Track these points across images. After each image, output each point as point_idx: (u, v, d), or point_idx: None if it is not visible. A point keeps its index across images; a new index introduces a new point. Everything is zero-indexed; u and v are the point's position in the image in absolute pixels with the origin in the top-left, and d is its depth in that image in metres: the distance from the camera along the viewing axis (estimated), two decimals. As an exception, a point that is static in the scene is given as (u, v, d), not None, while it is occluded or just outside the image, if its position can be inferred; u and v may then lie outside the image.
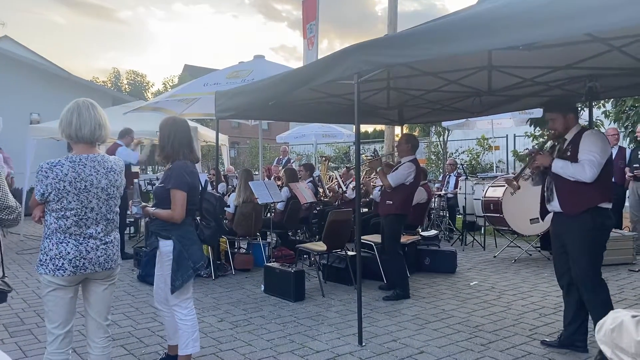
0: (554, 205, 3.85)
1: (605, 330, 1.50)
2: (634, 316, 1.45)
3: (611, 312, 1.55)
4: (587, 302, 3.74)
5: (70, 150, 2.86)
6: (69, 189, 2.67)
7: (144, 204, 3.43)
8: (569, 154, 3.75)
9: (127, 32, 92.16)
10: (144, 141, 9.86)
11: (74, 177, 2.68)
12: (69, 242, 2.69)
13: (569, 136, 3.86)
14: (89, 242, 2.73)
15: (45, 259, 2.69)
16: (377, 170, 5.71)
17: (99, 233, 2.78)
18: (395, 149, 6.66)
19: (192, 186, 3.37)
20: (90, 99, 2.86)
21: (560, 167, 3.70)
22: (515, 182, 4.12)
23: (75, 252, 2.69)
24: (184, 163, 3.39)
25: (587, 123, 5.70)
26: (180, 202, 3.28)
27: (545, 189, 3.98)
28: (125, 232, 8.55)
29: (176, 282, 3.28)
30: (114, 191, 2.83)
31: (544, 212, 4.07)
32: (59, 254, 2.68)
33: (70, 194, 2.67)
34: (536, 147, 4.17)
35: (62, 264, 2.67)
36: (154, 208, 3.37)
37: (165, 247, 3.30)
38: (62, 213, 2.68)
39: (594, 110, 5.89)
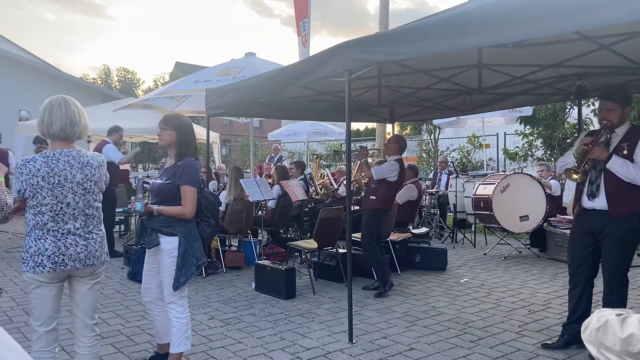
0: (598, 203, 3.62)
1: (590, 330, 1.51)
2: (618, 315, 1.46)
3: (596, 311, 1.56)
4: (607, 298, 3.67)
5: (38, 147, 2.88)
6: (42, 184, 2.66)
7: (146, 201, 3.40)
8: (625, 152, 3.51)
9: (118, 28, 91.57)
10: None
11: (46, 172, 2.68)
12: (47, 238, 2.68)
13: (620, 131, 3.61)
14: (67, 238, 2.72)
15: (26, 257, 2.69)
16: (361, 161, 5.77)
17: (78, 229, 2.75)
18: (384, 147, 6.70)
19: (200, 183, 3.39)
20: (65, 96, 2.84)
21: (619, 165, 3.47)
22: (575, 176, 3.67)
23: (53, 249, 2.68)
24: (193, 160, 3.40)
25: (577, 121, 5.75)
26: (193, 198, 3.29)
27: (589, 182, 3.71)
28: (114, 230, 8.49)
29: (180, 279, 3.26)
30: (91, 186, 2.81)
31: (577, 207, 3.83)
32: (38, 250, 2.67)
33: (44, 189, 2.66)
34: (588, 136, 3.81)
35: (41, 260, 2.66)
36: (157, 205, 3.33)
37: (169, 243, 3.27)
38: (39, 209, 2.67)
39: (583, 108, 5.94)
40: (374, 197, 5.58)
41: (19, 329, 4.37)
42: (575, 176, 3.67)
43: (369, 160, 6.97)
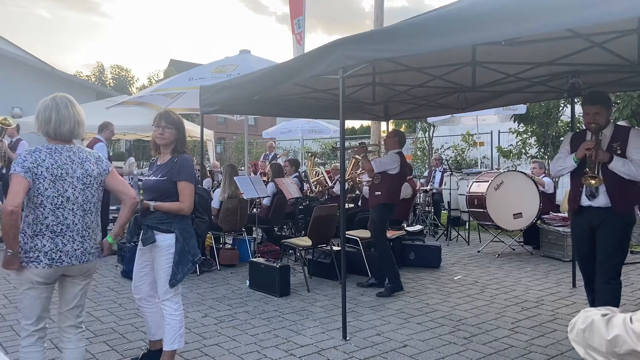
0: (597, 201, 3.74)
1: (577, 330, 1.50)
2: (603, 315, 1.45)
3: (582, 311, 1.56)
4: (601, 292, 3.76)
5: None
6: (46, 175, 2.66)
7: (141, 197, 3.39)
8: (618, 151, 3.67)
9: (112, 26, 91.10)
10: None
11: (51, 163, 2.68)
12: (44, 234, 2.67)
13: (607, 132, 3.77)
14: (65, 234, 2.71)
15: (21, 253, 2.66)
16: (361, 156, 5.76)
17: (76, 224, 2.76)
18: (382, 142, 6.69)
19: (195, 179, 3.41)
20: (67, 95, 2.84)
21: (621, 165, 3.62)
22: (593, 181, 3.69)
23: (50, 245, 2.67)
24: (189, 156, 3.44)
25: (570, 119, 5.77)
26: (191, 194, 3.32)
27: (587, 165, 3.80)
28: (108, 228, 8.45)
29: (178, 276, 3.27)
30: (90, 181, 2.81)
31: (574, 206, 3.91)
32: (35, 247, 2.65)
33: (46, 180, 2.66)
34: (576, 135, 4.02)
35: (37, 256, 2.65)
36: (152, 202, 3.32)
37: (166, 240, 3.27)
38: (39, 201, 2.65)
39: (577, 106, 5.96)
40: (379, 193, 5.53)
41: (12, 327, 4.35)
42: (593, 182, 3.73)
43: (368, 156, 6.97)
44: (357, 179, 8.36)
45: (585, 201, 3.82)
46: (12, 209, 2.53)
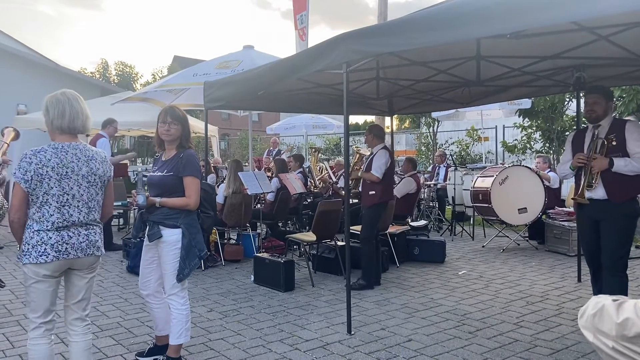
0: (596, 193, 3.85)
1: (587, 316, 1.52)
2: (614, 300, 1.47)
3: (593, 297, 1.57)
4: (608, 285, 3.80)
5: None
6: (51, 174, 2.68)
7: (147, 193, 3.40)
8: (614, 143, 3.77)
9: (116, 22, 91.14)
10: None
11: (56, 162, 2.71)
12: (50, 229, 2.70)
13: (604, 123, 3.90)
14: (70, 228, 2.75)
15: (28, 248, 2.69)
16: (359, 175, 5.83)
17: (81, 220, 2.80)
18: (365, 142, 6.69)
19: (201, 174, 3.41)
20: (73, 91, 2.89)
21: (623, 165, 3.71)
22: (581, 198, 3.90)
23: (57, 237, 2.71)
24: (194, 151, 3.45)
25: (575, 113, 5.75)
26: (197, 189, 3.33)
27: (587, 175, 3.94)
28: (113, 224, 8.49)
29: (185, 271, 3.30)
30: (95, 179, 2.84)
31: (579, 192, 4.01)
32: (41, 240, 2.69)
33: (52, 180, 2.69)
34: (576, 136, 4.17)
35: (45, 249, 2.68)
36: (158, 197, 3.33)
37: (172, 235, 3.28)
38: (45, 199, 2.69)
39: (582, 100, 5.93)
40: (374, 192, 5.50)
41: (18, 322, 4.38)
42: (579, 198, 3.91)
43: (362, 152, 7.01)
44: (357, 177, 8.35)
45: (589, 193, 3.91)
46: (12, 218, 2.72)
